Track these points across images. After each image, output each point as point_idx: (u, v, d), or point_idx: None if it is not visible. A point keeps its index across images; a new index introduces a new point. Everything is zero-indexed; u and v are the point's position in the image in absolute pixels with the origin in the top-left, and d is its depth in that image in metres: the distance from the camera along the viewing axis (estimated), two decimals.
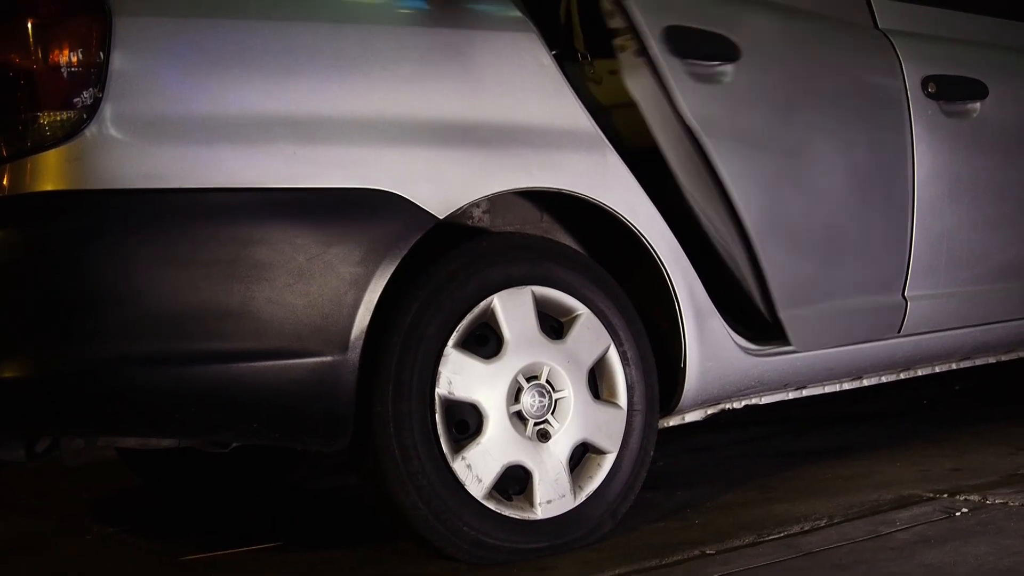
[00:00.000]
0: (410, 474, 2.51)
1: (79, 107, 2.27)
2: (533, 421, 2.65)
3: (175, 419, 2.39)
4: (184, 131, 2.32)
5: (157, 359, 2.31)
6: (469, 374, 2.58)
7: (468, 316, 2.59)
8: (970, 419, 4.07)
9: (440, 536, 2.56)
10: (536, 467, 2.64)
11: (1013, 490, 2.97)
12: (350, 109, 2.48)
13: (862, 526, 2.74)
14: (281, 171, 2.39)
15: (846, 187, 3.11)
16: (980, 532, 2.62)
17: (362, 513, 3.25)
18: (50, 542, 3.21)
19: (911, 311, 3.25)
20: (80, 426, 2.44)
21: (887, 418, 4.26)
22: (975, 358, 3.64)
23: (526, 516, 2.63)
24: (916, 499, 2.96)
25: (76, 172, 2.26)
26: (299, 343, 2.39)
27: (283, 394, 2.40)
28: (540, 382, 2.66)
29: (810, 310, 3.05)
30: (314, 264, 2.39)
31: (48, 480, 3.93)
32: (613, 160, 2.79)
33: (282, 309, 2.37)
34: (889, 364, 3.37)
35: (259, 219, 2.37)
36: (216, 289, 2.32)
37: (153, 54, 2.33)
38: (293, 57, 2.43)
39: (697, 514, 2.98)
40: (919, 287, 3.27)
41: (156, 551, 3.06)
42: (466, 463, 2.57)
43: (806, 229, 3.04)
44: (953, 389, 4.71)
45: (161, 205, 2.30)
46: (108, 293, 2.28)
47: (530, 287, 2.66)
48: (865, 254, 3.18)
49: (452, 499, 2.54)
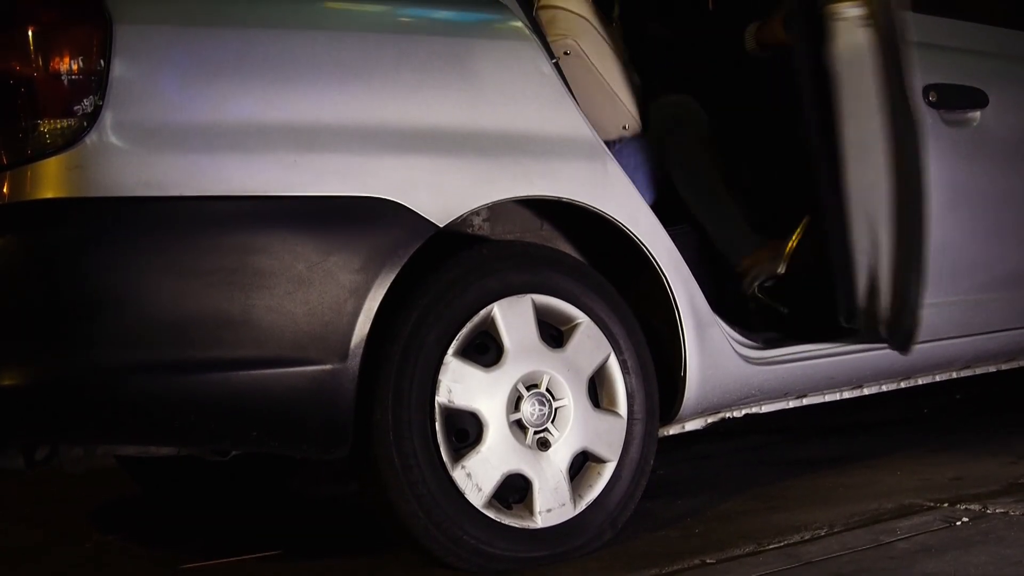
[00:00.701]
0: (410, 483, 2.50)
1: (79, 115, 2.27)
2: (533, 430, 2.64)
3: (175, 427, 2.39)
4: (184, 139, 2.32)
5: (157, 367, 2.31)
6: (469, 383, 2.58)
7: (468, 324, 2.59)
8: (971, 428, 4.08)
9: (440, 545, 2.55)
10: (536, 476, 2.63)
11: (1014, 499, 2.96)
12: (350, 117, 2.48)
13: (863, 535, 2.73)
14: (281, 179, 2.39)
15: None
16: (981, 542, 2.61)
17: (362, 521, 3.25)
18: (49, 550, 3.21)
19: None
20: (80, 434, 2.44)
21: (888, 427, 4.26)
22: (976, 367, 3.64)
23: (526, 525, 2.63)
24: (917, 508, 2.95)
25: (76, 180, 2.26)
26: (299, 351, 2.39)
27: (283, 402, 2.39)
28: (540, 390, 2.66)
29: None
30: (314, 272, 2.39)
31: (47, 488, 3.93)
32: (613, 169, 2.79)
33: (282, 317, 2.36)
34: (889, 373, 3.36)
35: (259, 227, 2.37)
36: (216, 297, 2.32)
37: (153, 62, 2.33)
38: (293, 65, 2.43)
39: (697, 523, 2.97)
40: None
41: (156, 559, 3.06)
42: (466, 472, 2.56)
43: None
44: (954, 398, 4.70)
45: (161, 213, 2.30)
46: (108, 301, 2.28)
47: (530, 295, 2.66)
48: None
49: (452, 508, 2.54)
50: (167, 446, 2.64)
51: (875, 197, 3.06)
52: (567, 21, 3.25)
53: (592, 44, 3.27)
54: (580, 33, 3.26)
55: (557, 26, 3.22)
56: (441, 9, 2.67)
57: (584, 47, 3.25)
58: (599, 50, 3.27)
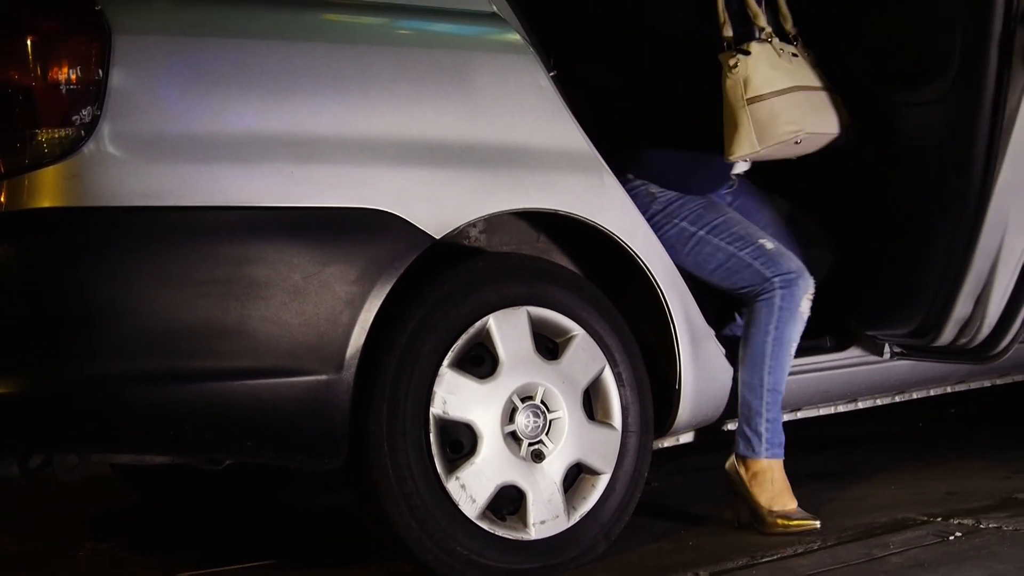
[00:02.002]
0: (404, 494, 2.50)
1: (77, 124, 2.28)
2: (527, 441, 2.65)
3: (170, 436, 2.39)
4: (182, 149, 2.33)
5: (153, 376, 2.32)
6: (464, 394, 2.59)
7: (463, 336, 2.59)
8: (965, 443, 4.08)
9: (433, 556, 2.55)
10: (530, 487, 2.64)
11: (1007, 514, 2.97)
12: (347, 129, 2.49)
13: (856, 549, 2.74)
14: (278, 190, 2.40)
15: None
16: (973, 556, 2.62)
17: (357, 532, 3.25)
18: (43, 560, 3.21)
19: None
20: (74, 442, 2.45)
21: (883, 441, 4.26)
22: (970, 381, 3.64)
23: (520, 536, 2.63)
24: (910, 523, 2.96)
25: (74, 189, 2.27)
26: (294, 361, 2.39)
27: (278, 412, 2.40)
28: (535, 402, 2.66)
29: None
30: (310, 283, 2.39)
31: (42, 497, 3.92)
32: (610, 182, 2.80)
33: (278, 328, 2.37)
34: (884, 387, 3.37)
35: (256, 238, 2.38)
36: (212, 307, 2.33)
37: (152, 72, 2.34)
38: (291, 77, 2.44)
39: (691, 536, 2.98)
40: None
41: (150, 567, 3.06)
42: (460, 483, 2.57)
43: None
44: (949, 412, 4.70)
45: (158, 223, 2.31)
46: (104, 310, 2.29)
47: (526, 308, 2.66)
48: None
49: (446, 519, 2.54)
50: (162, 455, 2.64)
51: (1017, 201, 2.93)
52: None
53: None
54: None
55: None
56: (440, 22, 2.68)
57: None
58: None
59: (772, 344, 2.93)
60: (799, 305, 2.94)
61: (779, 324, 2.93)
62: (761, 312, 2.95)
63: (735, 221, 3.00)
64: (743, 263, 2.95)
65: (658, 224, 2.95)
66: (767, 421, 2.95)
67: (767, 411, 2.95)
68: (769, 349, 2.93)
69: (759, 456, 2.96)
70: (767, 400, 2.94)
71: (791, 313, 2.93)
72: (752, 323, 2.97)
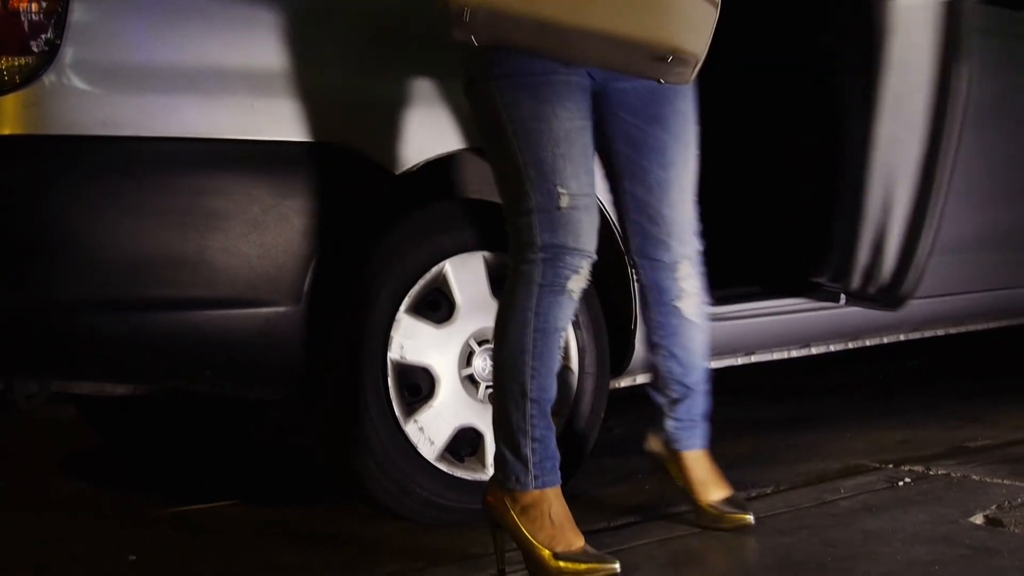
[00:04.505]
0: (363, 436, 2.53)
1: (37, 53, 2.26)
2: (485, 384, 2.67)
3: (128, 365, 2.41)
4: (142, 80, 2.32)
5: (111, 304, 2.32)
6: (421, 339, 2.61)
7: (420, 282, 2.61)
8: (923, 394, 4.14)
9: (393, 497, 2.58)
10: (488, 429, 2.65)
11: (956, 461, 3.02)
12: (309, 63, 2.48)
13: (807, 494, 2.78)
14: (238, 122, 2.40)
15: None
16: (920, 501, 2.67)
17: (319, 472, 3.28)
18: (9, 503, 3.22)
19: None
20: (33, 369, 2.46)
21: (842, 391, 4.31)
22: (924, 330, 3.69)
23: (478, 477, 2.66)
24: (862, 469, 3.01)
25: (33, 117, 2.26)
26: (252, 292, 2.40)
27: (236, 343, 2.42)
28: (491, 346, 2.68)
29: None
30: (268, 215, 2.40)
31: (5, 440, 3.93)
32: None
33: (236, 259, 2.38)
34: (837, 333, 3.41)
35: (215, 169, 2.38)
36: (171, 237, 2.33)
37: (113, 3, 2.33)
38: (254, 10, 2.44)
39: (648, 479, 3.01)
40: None
41: (119, 506, 3.08)
42: (418, 426, 2.59)
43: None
44: (910, 364, 4.77)
45: (118, 152, 2.31)
46: (63, 238, 2.29)
47: (482, 252, 2.68)
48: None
49: (404, 461, 2.57)
50: (122, 383, 2.65)
51: (900, 152, 3.07)
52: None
53: None
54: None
55: None
56: None
57: None
58: None
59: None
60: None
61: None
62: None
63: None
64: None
65: None
66: (533, 440, 2.27)
67: (532, 426, 2.27)
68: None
69: (527, 488, 2.28)
70: (531, 412, 2.27)
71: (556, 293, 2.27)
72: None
